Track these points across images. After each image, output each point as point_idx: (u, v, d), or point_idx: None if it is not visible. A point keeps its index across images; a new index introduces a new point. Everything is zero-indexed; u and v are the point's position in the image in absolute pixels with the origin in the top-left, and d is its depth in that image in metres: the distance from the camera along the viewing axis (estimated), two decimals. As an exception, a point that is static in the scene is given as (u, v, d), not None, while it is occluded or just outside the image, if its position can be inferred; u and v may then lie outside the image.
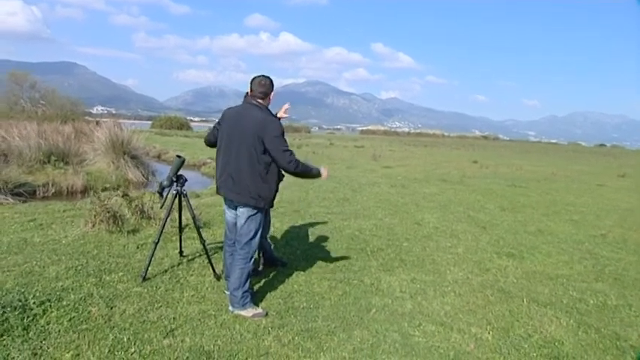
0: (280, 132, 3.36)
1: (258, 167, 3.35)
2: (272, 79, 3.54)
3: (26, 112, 43.28)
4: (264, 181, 3.37)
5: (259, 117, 3.37)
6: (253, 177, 3.37)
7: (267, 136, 3.30)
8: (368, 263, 5.00)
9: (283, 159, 3.34)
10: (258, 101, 3.47)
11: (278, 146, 3.32)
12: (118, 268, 4.28)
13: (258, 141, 3.32)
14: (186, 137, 36.58)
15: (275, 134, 3.32)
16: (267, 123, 3.34)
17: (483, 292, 4.25)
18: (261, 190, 3.39)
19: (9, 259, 4.40)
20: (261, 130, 3.30)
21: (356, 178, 13.15)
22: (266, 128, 3.31)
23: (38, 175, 11.23)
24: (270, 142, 3.31)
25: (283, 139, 3.35)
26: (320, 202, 8.70)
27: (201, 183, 13.07)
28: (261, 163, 3.35)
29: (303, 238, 5.91)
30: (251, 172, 3.37)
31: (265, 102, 3.50)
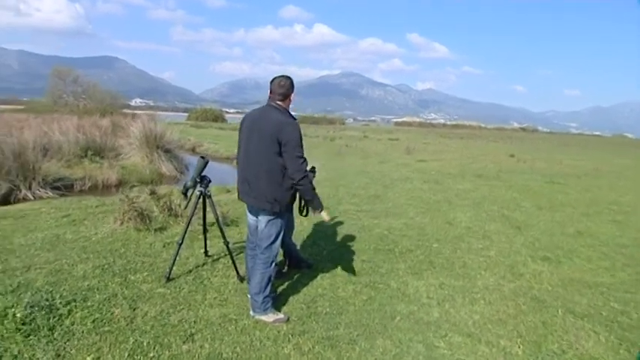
0: (297, 136, 3.25)
1: (275, 170, 3.26)
2: (292, 80, 3.44)
3: (69, 105, 44.92)
4: (280, 185, 3.28)
5: (277, 119, 3.28)
6: (269, 181, 3.29)
7: (283, 138, 3.21)
8: (395, 266, 4.86)
9: (294, 165, 3.23)
10: (278, 103, 3.38)
11: (292, 150, 3.22)
12: (143, 268, 4.32)
13: (274, 143, 3.23)
14: (220, 129, 37.07)
15: (291, 137, 3.22)
16: (284, 125, 3.24)
17: (515, 301, 4.05)
18: (277, 194, 3.30)
19: (41, 257, 4.51)
20: (278, 133, 3.21)
21: (388, 173, 12.94)
22: (283, 130, 3.22)
23: (76, 169, 11.56)
24: (285, 145, 3.22)
25: (299, 145, 3.25)
26: (350, 199, 8.58)
27: (234, 177, 13.16)
28: (277, 167, 3.26)
29: (330, 237, 5.82)
30: (267, 176, 3.29)
31: (285, 103, 3.41)
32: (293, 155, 3.21)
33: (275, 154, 3.23)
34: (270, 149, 3.23)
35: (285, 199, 3.33)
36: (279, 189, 3.28)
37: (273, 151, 3.23)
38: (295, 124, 3.29)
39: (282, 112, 3.33)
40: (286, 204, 3.37)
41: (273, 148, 3.23)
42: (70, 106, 42.73)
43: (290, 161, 3.22)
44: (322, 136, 32.20)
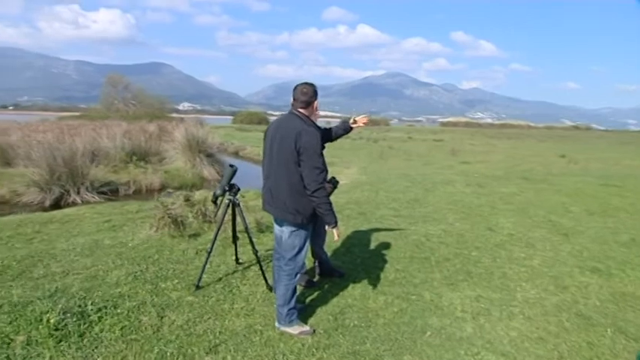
0: (314, 144, 3.15)
1: (296, 180, 3.18)
2: (315, 87, 3.36)
3: (120, 111, 46.86)
4: (302, 195, 3.19)
5: (297, 127, 3.19)
6: (291, 191, 3.22)
7: (302, 147, 3.13)
8: (431, 275, 4.68)
9: (310, 175, 3.13)
10: (300, 111, 3.31)
11: (308, 160, 3.12)
12: (174, 275, 4.36)
13: (294, 152, 3.15)
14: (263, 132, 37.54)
15: (308, 145, 3.12)
16: (302, 133, 3.15)
17: (558, 317, 3.79)
18: (300, 205, 3.22)
19: (80, 262, 4.65)
20: (298, 141, 3.13)
21: (431, 175, 12.63)
22: (302, 139, 3.13)
23: (122, 174, 11.97)
24: (302, 154, 3.13)
25: (317, 153, 3.14)
26: (389, 203, 8.41)
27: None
28: (299, 176, 3.17)
29: (365, 244, 5.69)
30: (288, 186, 3.22)
31: (308, 111, 3.33)
32: (310, 164, 3.12)
33: (295, 163, 3.16)
34: (290, 158, 3.16)
35: (308, 210, 3.24)
36: (302, 200, 3.20)
37: (293, 160, 3.16)
38: (314, 132, 3.19)
39: (303, 120, 3.25)
40: (310, 215, 3.27)
41: (292, 157, 3.16)
42: (121, 112, 44.67)
43: (306, 171, 3.13)
44: (366, 137, 31.97)
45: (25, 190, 9.79)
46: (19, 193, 9.80)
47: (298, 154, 3.13)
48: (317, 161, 3.12)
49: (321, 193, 3.14)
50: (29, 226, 6.11)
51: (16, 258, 4.71)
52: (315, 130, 3.21)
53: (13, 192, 9.88)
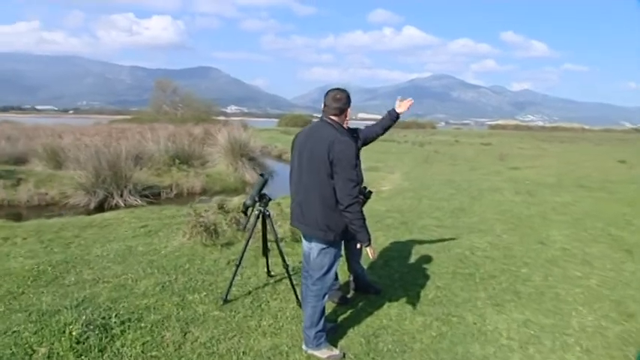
0: (349, 154, 2.88)
1: (327, 194, 2.93)
2: (349, 94, 3.11)
3: (168, 114, 48.28)
4: (333, 210, 2.94)
5: (329, 136, 2.95)
6: (322, 205, 2.98)
7: (335, 157, 2.88)
8: (474, 294, 4.31)
9: (344, 188, 2.86)
10: (332, 118, 3.07)
11: (342, 171, 2.87)
12: (202, 287, 4.22)
13: (326, 163, 2.91)
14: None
15: (342, 156, 2.87)
16: (335, 143, 2.90)
17: (622, 350, 3.35)
18: (331, 221, 2.97)
19: (111, 269, 4.61)
20: (331, 151, 2.89)
21: (477, 182, 12.07)
22: (335, 149, 2.89)
23: (165, 177, 12.13)
24: (335, 165, 2.88)
25: (351, 165, 2.88)
26: (432, 212, 8.02)
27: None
28: (330, 190, 2.93)
29: (404, 257, 5.37)
30: (319, 200, 2.98)
31: (341, 119, 3.08)
32: (343, 177, 2.87)
33: (327, 175, 2.92)
34: (322, 170, 2.92)
35: (339, 226, 2.98)
36: (333, 215, 2.95)
37: (324, 172, 2.92)
38: (348, 141, 2.93)
39: (336, 129, 3.01)
40: (341, 231, 3.01)
41: (324, 169, 2.92)
42: (170, 115, 46.02)
43: (339, 183, 2.88)
44: (411, 141, 31.34)
45: (72, 192, 10.09)
46: (67, 195, 10.10)
47: (331, 166, 2.89)
48: (351, 173, 2.87)
49: (354, 208, 2.88)
50: (70, 230, 6.20)
51: (52, 263, 4.74)
52: (349, 140, 2.95)
53: (62, 194, 10.20)
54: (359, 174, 2.95)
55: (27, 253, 5.17)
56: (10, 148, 12.60)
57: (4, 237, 5.87)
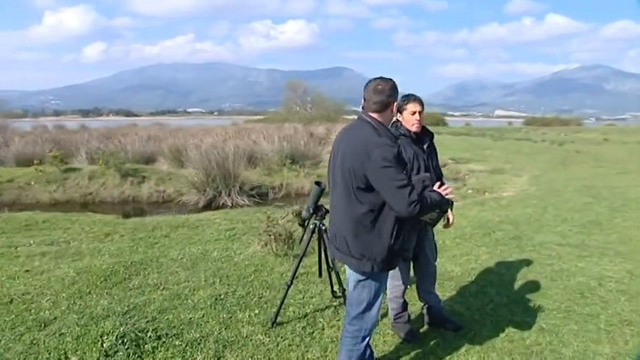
0: (390, 158, 2.22)
1: (360, 211, 2.31)
2: (394, 83, 2.42)
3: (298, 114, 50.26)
4: (368, 232, 2.30)
5: (364, 137, 2.32)
6: (354, 225, 2.36)
7: (369, 165, 2.24)
8: (595, 348, 3.25)
9: (398, 199, 2.21)
10: (371, 115, 2.40)
11: (387, 181, 2.22)
12: (258, 304, 3.83)
13: (357, 173, 2.29)
14: (437, 134, 35.90)
15: (380, 163, 2.21)
16: (371, 146, 2.26)
17: None
18: (365, 247, 2.33)
19: (177, 275, 4.48)
20: (363, 156, 2.26)
21: (623, 189, 10.02)
22: (369, 153, 2.25)
23: (275, 177, 12.20)
24: (374, 174, 2.24)
25: (397, 170, 2.22)
26: (556, 225, 6.72)
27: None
28: (364, 205, 2.30)
29: (506, 284, 4.40)
30: (351, 220, 2.36)
31: (384, 116, 2.40)
32: (391, 186, 2.21)
33: (360, 189, 2.30)
34: (352, 181, 2.31)
35: (378, 254, 2.33)
36: (368, 238, 2.32)
37: (356, 184, 2.30)
38: (387, 145, 2.25)
39: (375, 129, 2.34)
40: (382, 260, 2.35)
41: (356, 181, 2.30)
42: (299, 115, 47.77)
43: (389, 195, 2.23)
44: (550, 140, 28.06)
45: (186, 190, 10.62)
46: (181, 193, 10.68)
47: (366, 177, 2.27)
48: (399, 179, 2.21)
49: (424, 209, 2.28)
50: (162, 229, 6.34)
51: (128, 263, 4.77)
52: (388, 144, 2.27)
53: (177, 192, 10.82)
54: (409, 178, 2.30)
55: (114, 251, 5.34)
56: (142, 147, 13.82)
57: (107, 233, 6.21)
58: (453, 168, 14.90)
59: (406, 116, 3.15)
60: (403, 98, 3.14)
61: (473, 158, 16.69)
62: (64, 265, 4.82)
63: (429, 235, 3.33)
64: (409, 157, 3.06)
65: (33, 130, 24.18)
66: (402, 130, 3.14)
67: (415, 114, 3.14)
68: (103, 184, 10.91)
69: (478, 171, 13.41)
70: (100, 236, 6.05)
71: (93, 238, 5.96)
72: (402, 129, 3.15)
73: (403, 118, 3.16)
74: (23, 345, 3.19)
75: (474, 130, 40.46)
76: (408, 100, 3.15)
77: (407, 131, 3.14)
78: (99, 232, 6.26)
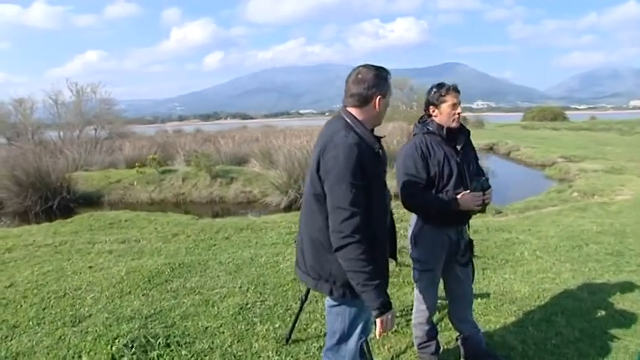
0: (343, 165, 1.81)
1: (318, 223, 1.93)
2: (382, 72, 1.98)
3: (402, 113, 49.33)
4: (327, 249, 1.90)
5: (328, 134, 1.94)
6: (311, 239, 2.00)
7: (323, 168, 1.88)
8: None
9: (333, 220, 1.83)
10: (349, 111, 2.00)
11: (331, 193, 1.84)
12: (281, 317, 3.57)
13: (314, 177, 1.93)
14: (553, 130, 32.76)
15: (333, 166, 1.83)
16: (330, 145, 1.88)
17: None
18: (324, 266, 1.95)
19: (216, 280, 4.40)
20: (320, 156, 1.90)
21: None
22: (325, 155, 1.88)
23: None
24: (324, 181, 1.87)
25: (347, 183, 1.80)
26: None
27: (531, 188, 10.96)
28: (322, 216, 1.92)
29: (583, 313, 3.56)
30: (308, 231, 2.01)
31: (364, 112, 1.98)
32: (331, 201, 1.84)
33: (316, 196, 1.94)
34: (311, 188, 1.96)
35: (338, 277, 1.93)
36: (328, 258, 1.93)
37: (313, 190, 1.95)
38: (349, 147, 1.83)
39: (348, 126, 1.94)
40: (344, 285, 1.94)
41: (313, 186, 1.95)
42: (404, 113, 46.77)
43: (330, 212, 1.85)
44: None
45: (270, 191, 10.75)
46: (266, 194, 10.84)
47: (321, 182, 1.89)
48: (342, 195, 1.81)
49: (348, 254, 1.82)
50: (226, 231, 6.39)
51: (176, 265, 4.81)
52: (351, 143, 1.85)
53: (262, 193, 11.01)
54: (361, 196, 1.83)
55: (172, 252, 5.47)
56: (236, 149, 14.33)
57: (175, 233, 6.41)
58: (562, 167, 13.26)
59: (445, 110, 2.61)
60: (437, 88, 2.63)
61: (588, 156, 14.71)
62: (121, 263, 5.02)
63: (459, 248, 2.71)
64: (439, 159, 2.57)
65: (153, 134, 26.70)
66: (430, 127, 2.64)
67: (456, 106, 2.61)
68: (194, 185, 11.50)
69: (591, 170, 11.73)
70: (168, 236, 6.26)
71: (161, 238, 6.18)
72: (431, 125, 2.65)
73: (440, 112, 2.62)
74: (52, 339, 3.32)
75: (598, 124, 36.02)
76: (447, 90, 2.61)
77: (438, 128, 2.62)
78: (169, 232, 6.48)
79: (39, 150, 13.35)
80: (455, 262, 2.70)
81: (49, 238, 6.40)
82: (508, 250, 5.12)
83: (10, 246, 6.01)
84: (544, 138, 24.77)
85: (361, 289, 1.84)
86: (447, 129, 2.60)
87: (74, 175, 12.09)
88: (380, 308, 1.83)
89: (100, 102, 20.04)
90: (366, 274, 1.81)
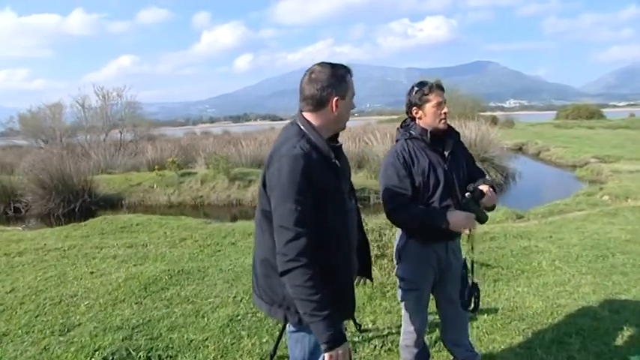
0: (288, 179, 1.62)
1: (268, 243, 1.74)
2: (337, 71, 1.75)
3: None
4: (277, 272, 1.69)
5: (277, 144, 1.75)
6: (262, 260, 1.80)
7: (268, 183, 1.70)
8: None
9: (278, 242, 1.63)
10: (304, 116, 1.79)
11: (276, 212, 1.65)
12: (272, 330, 3.39)
13: (261, 192, 1.75)
14: (588, 129, 31.49)
15: (276, 182, 1.65)
16: (276, 155, 1.69)
17: None
18: (276, 290, 1.75)
19: (212, 288, 4.28)
20: (266, 174, 1.72)
21: None
22: (269, 169, 1.70)
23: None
24: (271, 198, 1.68)
25: (292, 200, 1.61)
26: None
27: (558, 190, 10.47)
28: (268, 237, 1.73)
29: (602, 335, 3.20)
30: (260, 250, 1.82)
31: (321, 117, 1.76)
32: (275, 220, 1.65)
33: (265, 213, 1.75)
34: (263, 207, 1.76)
35: (292, 302, 1.71)
36: (280, 282, 1.70)
37: (262, 206, 1.77)
38: (291, 157, 1.64)
39: (301, 133, 1.73)
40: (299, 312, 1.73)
41: (262, 201, 1.77)
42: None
43: (274, 232, 1.66)
44: None
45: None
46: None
47: (267, 198, 1.71)
48: (286, 214, 1.61)
49: (293, 279, 1.61)
50: (234, 236, 6.28)
51: (175, 272, 4.72)
52: (298, 153, 1.64)
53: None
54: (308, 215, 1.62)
55: (175, 257, 5.38)
56: (257, 151, 14.24)
57: (183, 238, 6.34)
58: (594, 168, 12.63)
59: (429, 110, 2.30)
60: (418, 87, 2.33)
61: (624, 156, 13.96)
62: (123, 269, 4.96)
63: (452, 264, 2.43)
64: (423, 168, 2.28)
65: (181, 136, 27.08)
66: (413, 132, 2.36)
67: (442, 106, 2.31)
68: (213, 188, 11.47)
69: (626, 172, 11.10)
70: (175, 241, 6.18)
71: (168, 243, 6.11)
72: (414, 129, 2.37)
73: (425, 113, 2.32)
74: (37, 349, 3.26)
75: (637, 121, 34.43)
76: (430, 88, 2.30)
77: (421, 132, 2.33)
78: (177, 236, 6.41)
79: (64, 153, 13.61)
80: (447, 280, 2.44)
81: (59, 242, 6.42)
82: (525, 260, 4.78)
83: (22, 250, 6.06)
84: (577, 137, 23.81)
85: (308, 320, 1.63)
86: (432, 132, 2.31)
87: (96, 178, 12.26)
88: (329, 342, 1.61)
89: (126, 105, 20.44)
90: (313, 303, 1.60)
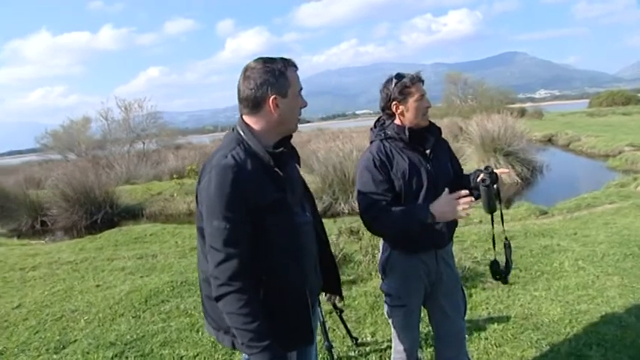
0: (216, 196, 1.45)
1: (206, 264, 1.55)
2: (272, 66, 1.54)
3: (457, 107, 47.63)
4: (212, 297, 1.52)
5: (212, 154, 1.58)
6: (204, 281, 1.64)
7: (199, 197, 1.55)
8: None
9: (210, 261, 1.48)
10: (244, 120, 1.61)
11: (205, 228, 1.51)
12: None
13: (198, 209, 1.58)
14: (623, 115, 30.28)
15: (206, 199, 1.49)
16: (208, 166, 1.53)
17: None
18: (219, 313, 1.54)
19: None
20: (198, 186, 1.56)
21: None
22: (200, 181, 1.54)
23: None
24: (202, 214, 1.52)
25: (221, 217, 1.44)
26: None
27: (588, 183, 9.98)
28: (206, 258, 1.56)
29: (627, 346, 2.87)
30: (200, 274, 1.68)
31: (260, 120, 1.58)
32: (206, 240, 1.50)
33: (202, 230, 1.57)
34: (199, 223, 1.59)
35: None
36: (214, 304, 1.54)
37: (198, 223, 1.60)
38: (220, 168, 1.47)
39: (236, 140, 1.56)
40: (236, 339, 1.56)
41: (199, 221, 1.58)
42: (459, 108, 45.01)
43: (207, 252, 1.49)
44: None
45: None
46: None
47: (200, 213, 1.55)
48: (214, 233, 1.45)
49: (226, 306, 1.45)
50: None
51: (178, 283, 4.61)
52: (228, 163, 1.48)
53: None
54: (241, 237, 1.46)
55: (181, 268, 5.27)
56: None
57: (193, 247, 6.23)
58: (629, 157, 11.99)
59: (412, 105, 2.06)
60: (397, 79, 2.08)
61: (662, 143, 13.27)
62: (128, 281, 4.90)
63: (443, 273, 2.18)
64: (403, 170, 2.04)
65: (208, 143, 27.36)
66: (389, 131, 2.11)
67: (424, 99, 2.07)
68: (230, 194, 11.42)
69: (664, 160, 10.50)
70: (185, 250, 6.11)
71: (178, 253, 6.04)
72: (389, 129, 2.12)
73: (407, 108, 2.07)
74: (30, 368, 3.17)
75: (678, 106, 32.87)
76: (412, 80, 2.06)
77: (398, 131, 2.09)
78: (187, 246, 6.34)
79: (88, 166, 13.86)
80: (439, 292, 2.20)
81: (73, 254, 6.46)
82: (545, 260, 4.45)
83: (37, 264, 6.10)
84: (610, 125, 22.81)
85: (247, 351, 1.46)
86: (411, 130, 2.08)
87: (118, 189, 12.43)
88: None
89: (147, 116, 20.76)
90: (249, 333, 1.42)
